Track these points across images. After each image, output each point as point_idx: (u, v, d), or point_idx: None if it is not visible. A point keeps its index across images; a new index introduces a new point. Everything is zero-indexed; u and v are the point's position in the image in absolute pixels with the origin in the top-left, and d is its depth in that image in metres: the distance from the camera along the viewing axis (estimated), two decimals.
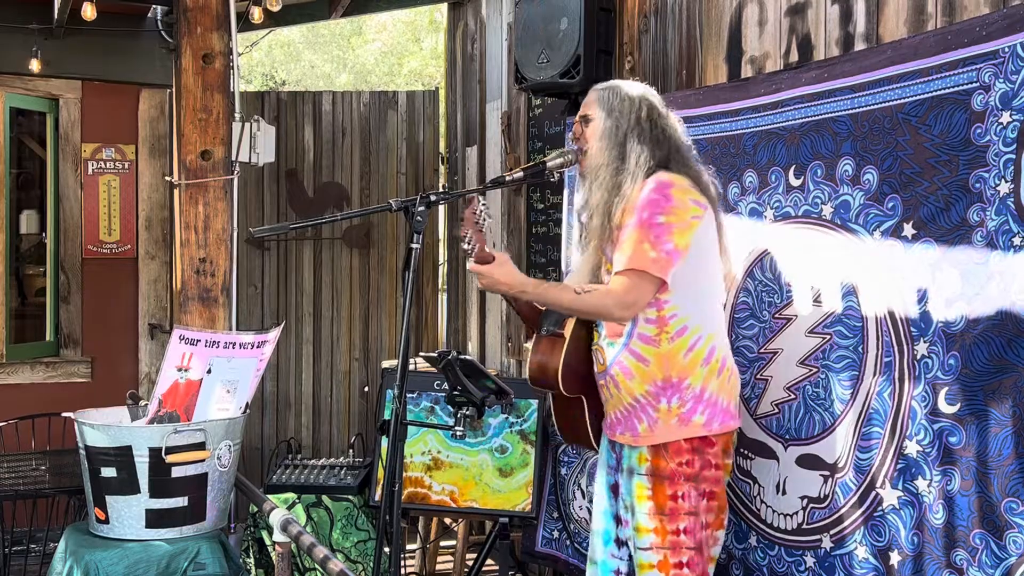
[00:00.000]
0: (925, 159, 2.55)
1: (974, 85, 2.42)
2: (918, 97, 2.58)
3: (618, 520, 2.98)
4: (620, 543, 2.97)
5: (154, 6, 5.93)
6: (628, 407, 2.86)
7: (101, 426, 3.51)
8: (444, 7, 6.60)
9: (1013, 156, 2.31)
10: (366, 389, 6.47)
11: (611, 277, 2.80)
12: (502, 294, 2.93)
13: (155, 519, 3.47)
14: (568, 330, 2.96)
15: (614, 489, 2.98)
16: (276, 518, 3.28)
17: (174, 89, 4.55)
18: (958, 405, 2.44)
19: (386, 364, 5.44)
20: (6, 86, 5.88)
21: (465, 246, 2.83)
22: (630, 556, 2.93)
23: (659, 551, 2.78)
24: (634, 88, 2.94)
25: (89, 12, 5.03)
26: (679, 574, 2.78)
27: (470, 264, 2.84)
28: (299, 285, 6.47)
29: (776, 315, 3.06)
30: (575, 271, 3.07)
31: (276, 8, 5.31)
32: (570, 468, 4.04)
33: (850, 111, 2.79)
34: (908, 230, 2.60)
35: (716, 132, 3.33)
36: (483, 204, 2.86)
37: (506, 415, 4.12)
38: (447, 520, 4.82)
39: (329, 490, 4.44)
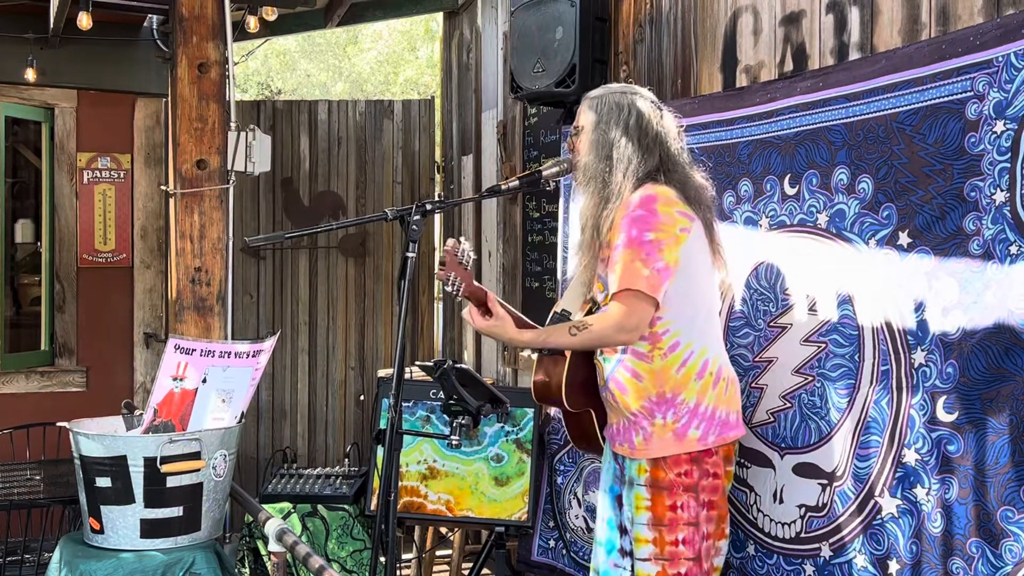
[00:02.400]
0: (920, 168, 2.56)
1: (968, 94, 2.42)
2: (912, 106, 2.58)
3: (623, 530, 2.98)
4: (624, 553, 2.97)
5: (150, 16, 5.94)
6: (627, 420, 2.87)
7: (96, 436, 3.50)
8: (440, 16, 6.62)
9: (1008, 165, 2.32)
10: (362, 398, 6.46)
11: (607, 303, 2.78)
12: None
13: (150, 529, 3.46)
14: None
15: (619, 500, 2.98)
16: (271, 528, 3.27)
17: (170, 98, 4.55)
18: (956, 414, 2.44)
19: (382, 373, 5.43)
20: (1, 95, 5.88)
21: (448, 288, 2.83)
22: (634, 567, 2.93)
23: (657, 562, 2.79)
24: (623, 93, 2.92)
25: (85, 21, 5.04)
26: None
27: (466, 313, 2.88)
28: (295, 294, 6.47)
29: (771, 324, 3.06)
30: (570, 288, 3.08)
31: (272, 17, 5.32)
32: (566, 477, 4.03)
33: (845, 120, 2.80)
34: (903, 239, 2.60)
35: (711, 141, 3.33)
36: (463, 241, 2.86)
37: (502, 424, 4.12)
38: (443, 529, 4.81)
39: (325, 499, 4.42)
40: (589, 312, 2.95)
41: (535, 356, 3.08)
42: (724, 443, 2.83)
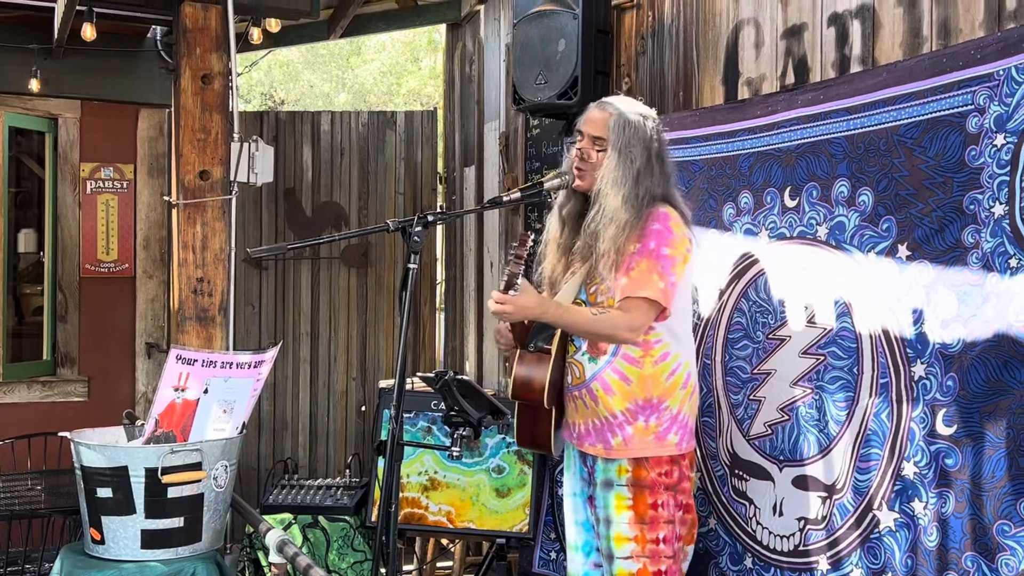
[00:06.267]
0: (920, 181, 2.56)
1: (969, 108, 2.43)
2: (913, 119, 2.59)
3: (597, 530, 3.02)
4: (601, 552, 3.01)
5: (153, 27, 5.96)
6: (603, 420, 2.92)
7: (97, 446, 3.50)
8: (443, 28, 6.63)
9: (1007, 178, 2.32)
10: (363, 409, 6.46)
11: (620, 301, 2.84)
12: (522, 319, 2.92)
13: (151, 540, 3.46)
14: (554, 346, 2.99)
15: (591, 500, 3.02)
16: (272, 539, 3.27)
17: (173, 109, 4.57)
18: (955, 427, 2.44)
19: (383, 384, 5.43)
20: (5, 105, 5.90)
21: (516, 281, 2.79)
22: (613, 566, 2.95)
23: (639, 559, 2.86)
24: (645, 119, 2.97)
25: (89, 32, 5.05)
26: None
27: (498, 295, 2.79)
28: (296, 305, 6.47)
29: (770, 336, 3.07)
30: (568, 286, 3.06)
31: (275, 29, 5.34)
32: None
33: (846, 133, 2.81)
34: (903, 251, 2.61)
35: (712, 153, 3.34)
36: (532, 238, 2.89)
37: (503, 435, 4.11)
38: (444, 541, 4.81)
39: (325, 511, 4.42)
40: None
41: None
42: (691, 449, 2.96)
